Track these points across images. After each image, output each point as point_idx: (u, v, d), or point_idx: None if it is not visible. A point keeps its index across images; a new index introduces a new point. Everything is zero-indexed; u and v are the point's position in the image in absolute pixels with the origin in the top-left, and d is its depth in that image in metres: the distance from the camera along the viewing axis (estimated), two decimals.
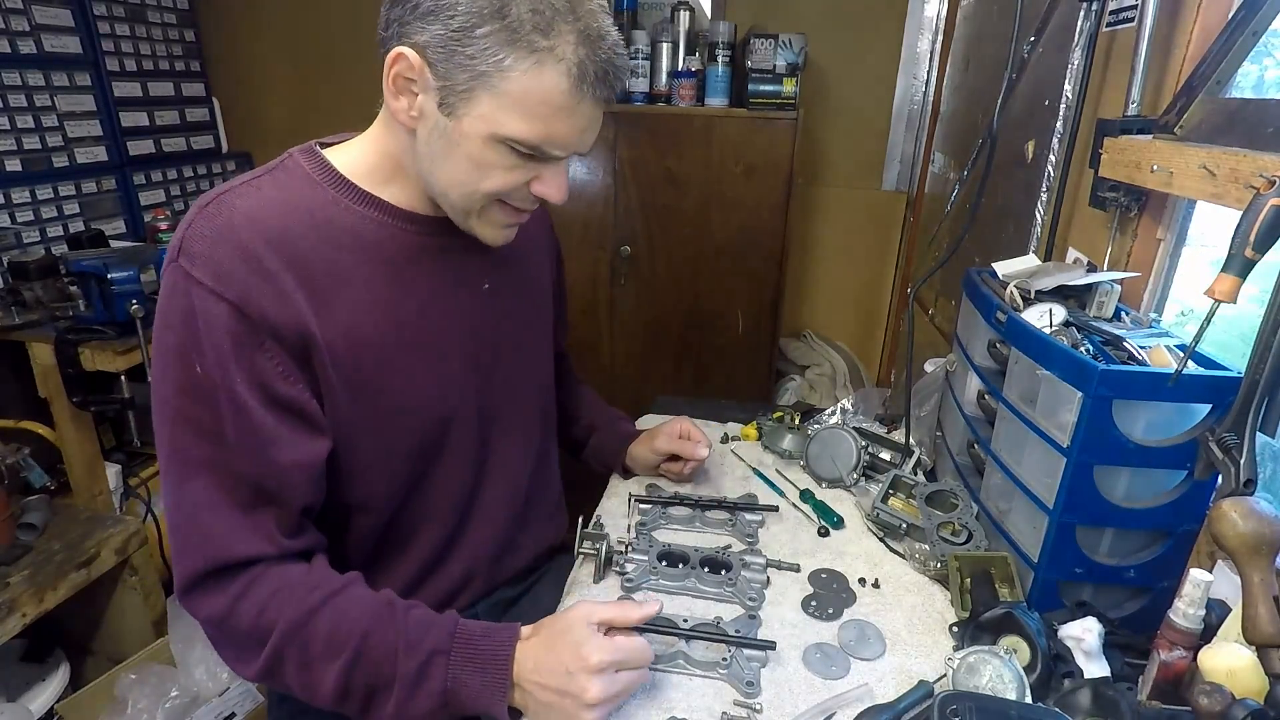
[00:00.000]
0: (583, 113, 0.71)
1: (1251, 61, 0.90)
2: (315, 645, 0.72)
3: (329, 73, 2.68)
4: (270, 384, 0.72)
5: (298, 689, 0.74)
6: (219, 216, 0.72)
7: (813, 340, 2.66)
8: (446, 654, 0.73)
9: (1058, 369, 0.82)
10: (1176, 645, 0.70)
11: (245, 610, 0.72)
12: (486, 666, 0.73)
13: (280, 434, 0.73)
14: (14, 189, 2.08)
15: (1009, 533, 0.93)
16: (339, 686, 0.72)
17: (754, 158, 2.08)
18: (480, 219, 0.79)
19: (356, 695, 0.73)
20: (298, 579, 0.74)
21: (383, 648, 0.72)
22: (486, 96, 0.68)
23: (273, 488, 0.73)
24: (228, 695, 1.65)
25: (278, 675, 0.74)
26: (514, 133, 0.69)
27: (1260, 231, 0.64)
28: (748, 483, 1.20)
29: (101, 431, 1.87)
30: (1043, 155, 1.29)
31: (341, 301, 0.76)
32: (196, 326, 0.69)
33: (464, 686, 0.72)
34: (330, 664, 0.72)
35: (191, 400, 0.71)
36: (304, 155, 0.80)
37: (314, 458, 0.76)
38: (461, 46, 0.66)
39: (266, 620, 0.72)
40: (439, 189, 0.77)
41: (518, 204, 0.78)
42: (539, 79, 0.67)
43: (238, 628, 0.73)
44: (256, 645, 0.73)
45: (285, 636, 0.72)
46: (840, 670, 0.82)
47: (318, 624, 0.72)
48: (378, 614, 0.74)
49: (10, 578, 1.45)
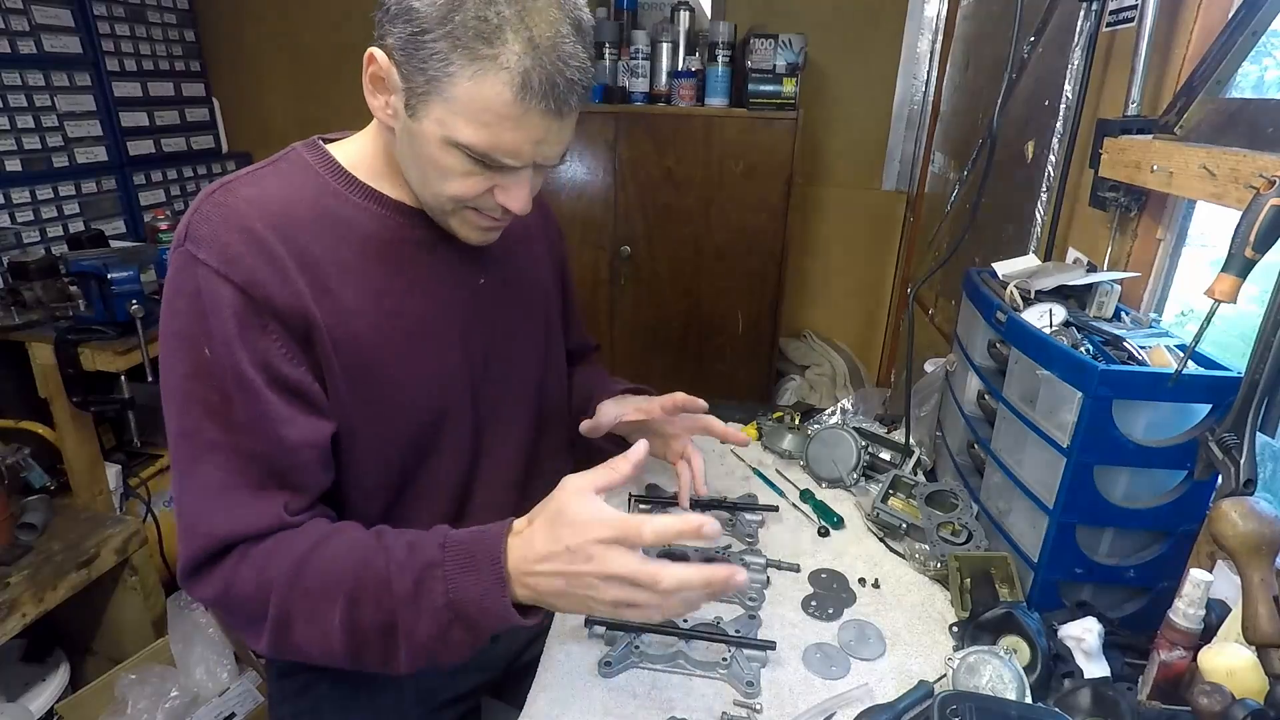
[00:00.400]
0: (531, 123, 0.69)
1: (1251, 61, 0.90)
2: (314, 589, 0.70)
3: (329, 73, 2.68)
4: (275, 365, 0.72)
5: (313, 648, 0.71)
6: (224, 203, 0.74)
7: (813, 340, 2.66)
8: (440, 565, 0.68)
9: (1058, 369, 0.82)
10: (1176, 645, 0.70)
11: (244, 576, 0.71)
12: (482, 567, 0.68)
13: (287, 414, 0.73)
14: (14, 189, 2.08)
15: (1009, 533, 0.93)
16: (348, 630, 0.69)
17: (754, 158, 2.08)
18: (455, 219, 0.79)
19: (371, 638, 0.69)
20: (288, 535, 0.73)
21: (377, 574, 0.69)
22: (438, 101, 0.69)
23: (283, 467, 0.73)
24: (228, 695, 1.65)
25: (289, 637, 0.71)
26: (464, 139, 0.69)
27: (1260, 231, 0.64)
28: (748, 483, 1.20)
29: (101, 431, 1.87)
30: (1043, 155, 1.29)
31: (341, 290, 0.77)
32: (203, 308, 0.70)
33: (466, 594, 0.68)
34: (332, 606, 0.69)
35: (199, 382, 0.71)
36: (307, 149, 0.82)
37: (320, 436, 0.76)
38: (416, 50, 0.67)
39: (265, 579, 0.70)
40: (414, 187, 0.79)
41: (487, 212, 0.78)
42: (481, 87, 0.67)
43: (241, 596, 0.71)
44: (261, 611, 0.71)
45: (284, 589, 0.70)
46: (840, 670, 0.82)
47: (312, 567, 0.70)
48: (366, 545, 0.72)
49: (10, 578, 1.45)
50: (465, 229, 0.81)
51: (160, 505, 1.88)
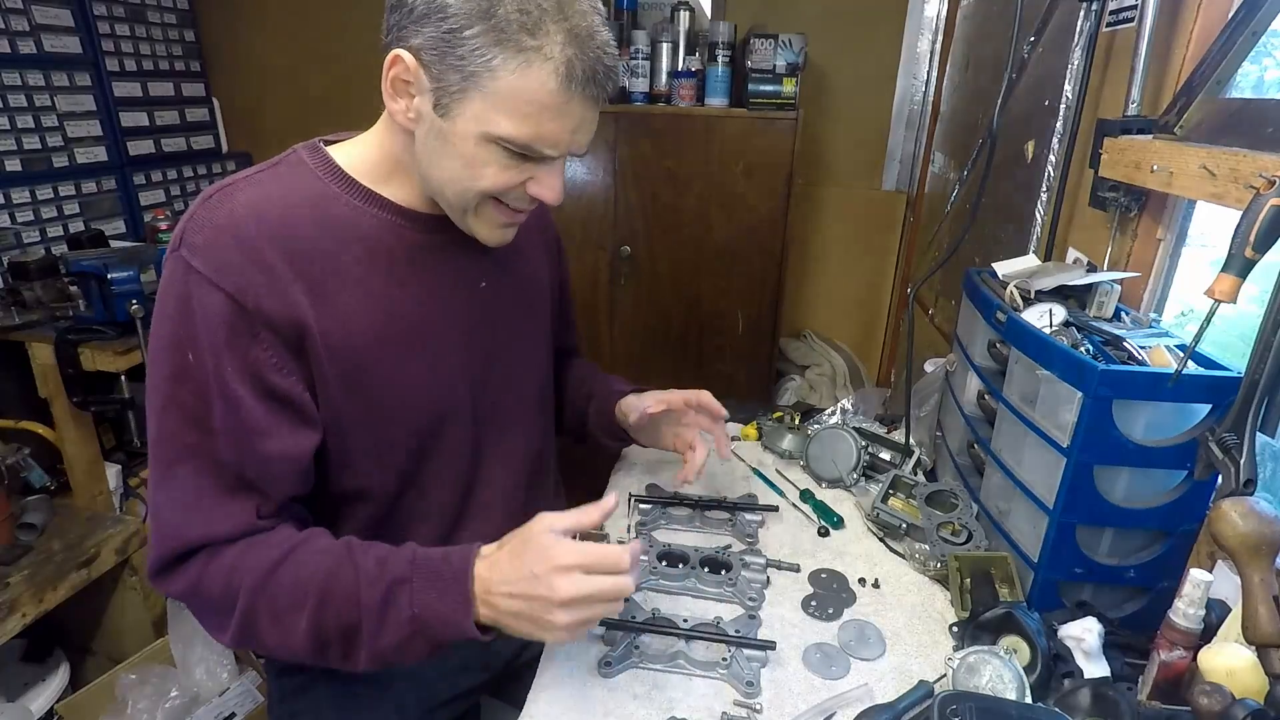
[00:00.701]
0: (572, 112, 0.71)
1: (1251, 61, 0.90)
2: (281, 597, 0.72)
3: (329, 73, 2.68)
4: (263, 375, 0.73)
5: (275, 646, 0.74)
6: (221, 208, 0.73)
7: (813, 340, 2.66)
8: (409, 581, 0.72)
9: (1058, 369, 0.82)
10: (1176, 645, 0.70)
11: (212, 575, 0.73)
12: (448, 586, 0.71)
13: (269, 425, 0.74)
14: (14, 189, 2.08)
15: (1009, 533, 0.93)
16: (312, 633, 0.72)
17: (754, 158, 2.07)
18: (477, 218, 0.79)
19: (332, 641, 0.72)
20: (260, 539, 0.75)
21: (345, 586, 0.72)
22: (478, 96, 0.69)
23: (253, 477, 0.74)
24: (227, 695, 1.65)
25: (254, 634, 0.74)
26: (505, 132, 0.70)
27: (1260, 231, 0.64)
28: (748, 483, 1.20)
29: (101, 431, 1.87)
30: (1043, 155, 1.29)
31: (339, 295, 0.76)
32: (193, 315, 0.70)
33: (431, 611, 0.71)
34: (298, 612, 0.72)
35: (182, 387, 0.71)
36: (307, 151, 0.81)
37: (301, 450, 0.77)
38: (452, 48, 0.67)
39: (234, 582, 0.72)
40: (435, 187, 0.77)
41: (513, 204, 0.78)
42: (526, 78, 0.67)
43: (209, 594, 0.73)
44: (229, 608, 0.73)
45: (253, 593, 0.72)
46: (840, 670, 0.82)
47: (282, 575, 0.72)
48: (338, 556, 0.74)
49: (10, 578, 1.45)
50: (485, 228, 0.80)
51: None
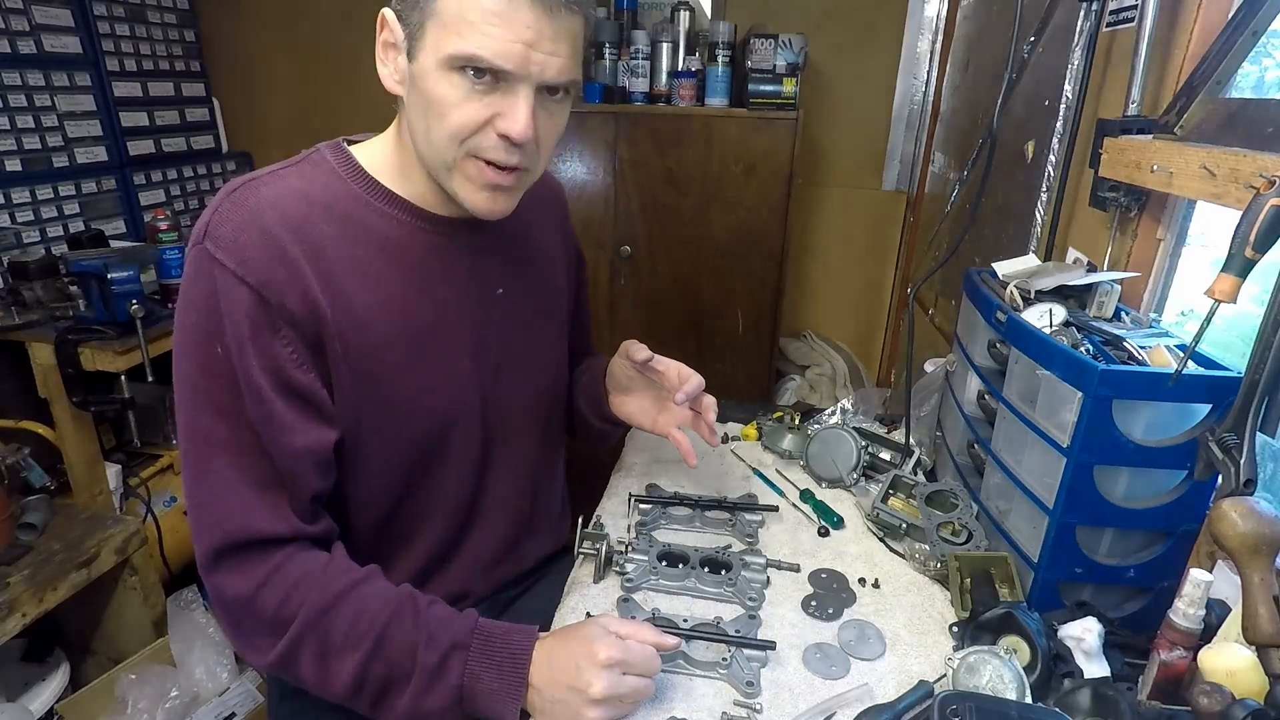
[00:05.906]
0: (520, 19, 0.68)
1: (1251, 61, 0.90)
2: (335, 635, 0.72)
3: (329, 72, 2.67)
4: (284, 370, 0.73)
5: (310, 681, 0.74)
6: (245, 203, 0.74)
7: (813, 340, 2.66)
8: (466, 649, 0.73)
9: (1058, 369, 0.82)
10: (1176, 645, 0.70)
11: (268, 596, 0.73)
12: (504, 666, 0.73)
13: (291, 420, 0.74)
14: (14, 189, 2.08)
15: (1009, 533, 0.93)
16: (355, 678, 0.72)
17: (754, 158, 2.07)
18: (459, 178, 0.76)
19: (371, 689, 0.73)
20: (319, 568, 0.75)
21: (402, 640, 0.72)
22: (432, 27, 0.70)
23: (284, 470, 0.74)
24: (228, 695, 1.65)
25: (291, 666, 0.74)
26: (455, 49, 0.69)
27: (1260, 231, 0.64)
28: (748, 483, 1.20)
29: (101, 431, 1.86)
30: (1043, 155, 1.29)
31: (355, 295, 0.77)
32: (218, 308, 0.71)
33: (479, 684, 0.72)
34: (349, 655, 0.72)
35: (213, 380, 0.72)
36: (331, 150, 0.82)
37: (323, 445, 0.77)
38: None
39: (289, 609, 0.72)
40: (422, 151, 0.77)
41: (489, 155, 0.74)
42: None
43: (260, 614, 0.73)
44: (274, 633, 0.73)
45: (307, 625, 0.72)
46: (840, 670, 0.82)
47: (340, 614, 0.73)
48: (399, 606, 0.74)
49: (10, 578, 1.45)
50: (470, 189, 0.76)
51: (160, 505, 1.87)
